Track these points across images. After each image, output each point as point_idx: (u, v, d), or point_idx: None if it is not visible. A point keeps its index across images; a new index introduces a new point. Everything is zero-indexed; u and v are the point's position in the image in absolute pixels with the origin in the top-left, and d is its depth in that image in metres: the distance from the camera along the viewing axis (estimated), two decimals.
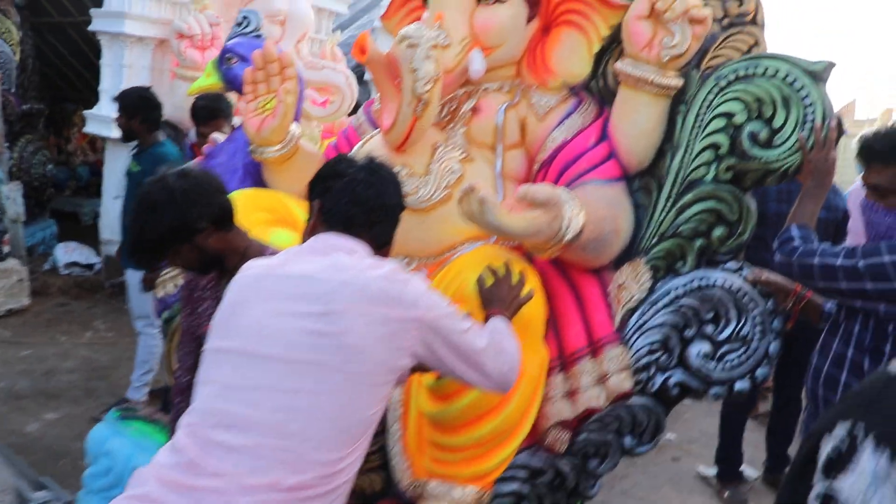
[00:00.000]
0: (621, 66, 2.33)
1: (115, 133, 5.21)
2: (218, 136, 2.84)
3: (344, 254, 1.69)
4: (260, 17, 3.00)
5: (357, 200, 1.75)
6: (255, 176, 2.71)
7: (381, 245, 1.82)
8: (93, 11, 5.66)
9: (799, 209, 2.29)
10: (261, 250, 2.03)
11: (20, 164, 6.47)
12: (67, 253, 6.90)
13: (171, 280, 2.75)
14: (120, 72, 5.83)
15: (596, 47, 2.51)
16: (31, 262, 6.21)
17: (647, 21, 2.29)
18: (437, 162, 2.38)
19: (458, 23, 2.45)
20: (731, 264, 2.34)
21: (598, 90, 2.54)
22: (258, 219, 2.46)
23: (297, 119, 2.72)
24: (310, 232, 1.81)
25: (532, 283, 2.17)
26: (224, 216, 1.97)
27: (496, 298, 2.03)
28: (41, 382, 4.58)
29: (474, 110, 2.47)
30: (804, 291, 2.39)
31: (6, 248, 5.72)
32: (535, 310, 2.15)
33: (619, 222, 2.28)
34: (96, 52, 6.00)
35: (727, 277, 2.32)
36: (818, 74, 2.24)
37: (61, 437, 3.88)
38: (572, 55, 2.53)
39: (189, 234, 1.91)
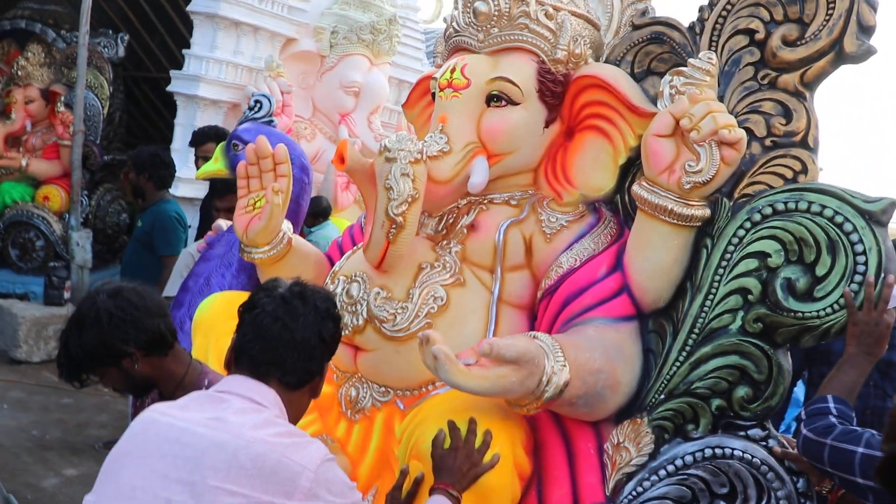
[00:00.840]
0: (638, 189, 2.02)
1: (181, 190, 5.27)
2: (222, 224, 2.71)
3: (238, 401, 1.49)
4: (273, 101, 2.87)
5: (261, 336, 1.57)
6: (250, 271, 2.55)
7: (297, 385, 1.59)
8: (172, 73, 5.86)
9: (838, 377, 1.87)
10: (199, 378, 1.84)
11: (96, 211, 6.65)
12: None
13: None
14: (192, 132, 5.88)
15: (622, 158, 2.21)
16: None
17: (669, 140, 1.97)
18: (419, 286, 2.11)
19: (462, 127, 2.21)
20: (756, 431, 1.95)
21: (622, 207, 2.23)
22: (233, 327, 2.27)
23: (295, 216, 2.56)
24: (227, 371, 1.62)
25: (500, 446, 1.86)
26: (156, 341, 1.79)
27: (446, 468, 1.75)
28: (71, 434, 4.55)
29: (471, 227, 2.20)
30: None
31: (67, 294, 5.84)
32: (498, 480, 1.83)
33: (617, 375, 1.95)
34: (173, 110, 6.19)
35: (748, 447, 1.94)
36: (875, 215, 1.85)
37: (75, 497, 3.81)
38: (595, 165, 2.23)
39: (114, 358, 1.75)
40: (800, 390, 3.74)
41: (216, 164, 2.86)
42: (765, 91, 2.05)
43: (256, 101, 2.83)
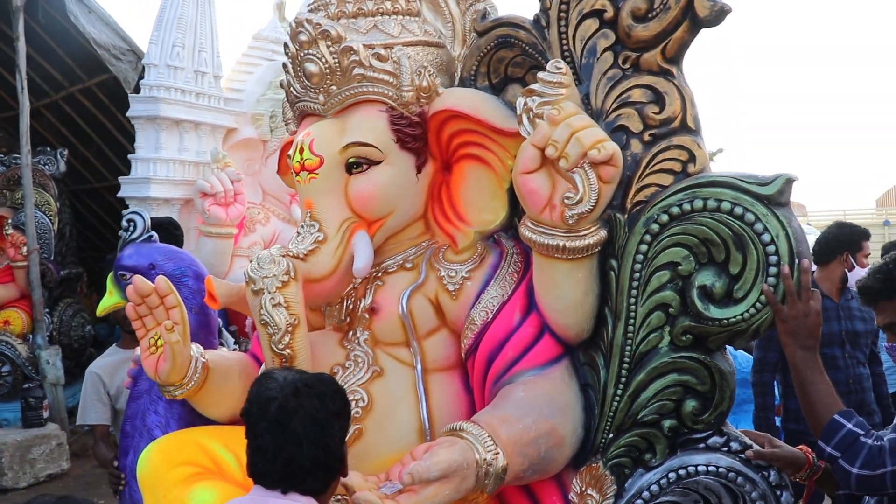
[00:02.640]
0: (525, 231, 1.86)
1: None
2: (139, 354, 2.54)
3: None
4: (146, 217, 2.68)
5: (275, 460, 1.56)
6: (182, 400, 2.40)
7: (325, 487, 1.59)
8: (120, 179, 5.84)
9: (813, 390, 1.75)
10: None
11: (59, 327, 6.64)
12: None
13: None
14: None
15: (507, 182, 2.05)
16: (71, 423, 6.24)
17: (540, 174, 1.80)
18: None
19: (331, 207, 2.03)
20: (715, 440, 1.87)
21: (521, 237, 2.08)
22: (177, 476, 2.13)
23: (207, 327, 2.41)
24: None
25: None
26: None
27: None
28: None
29: (371, 310, 2.05)
30: (817, 461, 1.87)
31: (46, 414, 5.76)
32: None
33: (558, 432, 1.84)
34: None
35: (711, 459, 1.85)
36: (773, 198, 1.71)
37: None
38: (481, 194, 2.07)
39: None
40: None
41: (112, 298, 2.71)
42: (630, 78, 1.87)
43: (129, 221, 2.64)
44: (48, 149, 6.80)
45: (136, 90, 5.83)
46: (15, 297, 6.44)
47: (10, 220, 6.34)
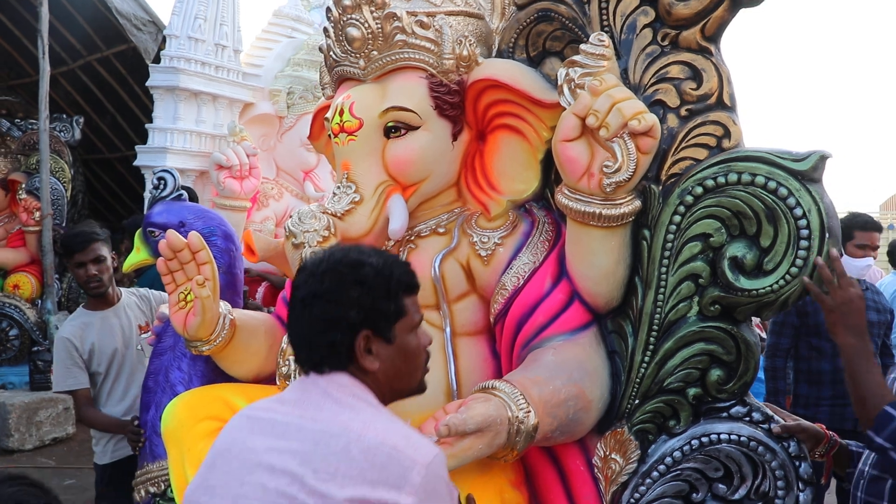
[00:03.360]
0: (561, 198, 1.91)
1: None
2: (165, 311, 2.59)
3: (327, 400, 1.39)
4: (176, 176, 2.72)
5: (302, 341, 1.44)
6: (206, 357, 2.45)
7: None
8: (137, 148, 5.85)
9: (863, 380, 1.75)
10: None
11: (69, 293, 6.64)
12: None
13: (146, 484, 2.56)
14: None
15: (541, 153, 2.09)
16: None
17: (580, 143, 1.84)
18: None
19: (368, 170, 2.07)
20: (737, 409, 1.91)
21: (555, 203, 2.12)
22: (202, 430, 2.18)
23: (233, 287, 2.45)
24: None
25: (487, 500, 1.81)
26: None
27: None
28: None
29: None
30: (835, 437, 1.92)
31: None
32: None
33: (586, 396, 1.88)
34: (142, 184, 6.16)
35: (733, 428, 1.90)
36: (807, 174, 1.76)
37: None
38: (515, 165, 2.11)
39: None
40: None
41: (139, 255, 2.75)
42: (668, 54, 1.91)
43: (160, 179, 2.68)
44: (64, 116, 6.81)
45: (156, 61, 5.86)
46: (25, 261, 6.48)
47: (23, 185, 6.35)
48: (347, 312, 1.37)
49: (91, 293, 3.12)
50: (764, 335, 3.90)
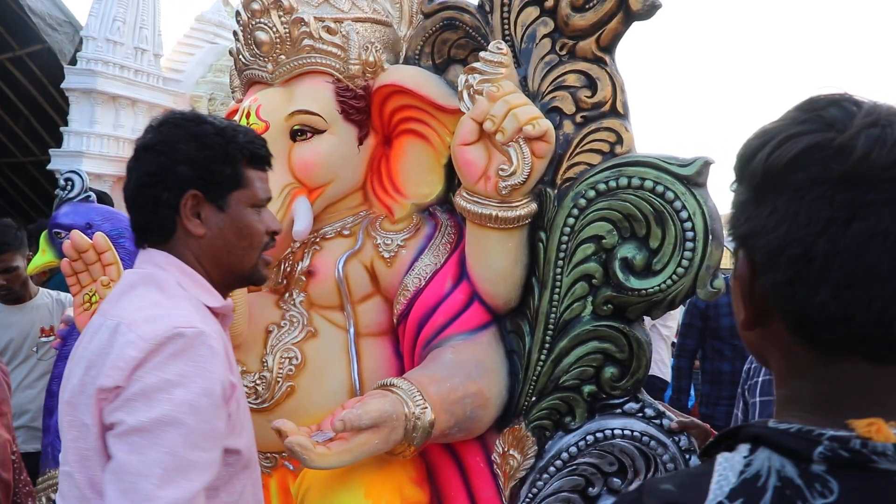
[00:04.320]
0: (460, 201, 1.96)
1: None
2: (71, 314, 2.55)
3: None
4: (84, 177, 2.68)
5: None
6: None
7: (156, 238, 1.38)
8: (52, 151, 5.68)
9: None
10: None
11: None
12: None
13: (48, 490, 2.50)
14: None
15: (444, 157, 2.14)
16: None
17: (477, 147, 1.90)
18: (271, 352, 2.03)
19: (274, 172, 2.08)
20: (631, 406, 1.99)
21: (456, 206, 2.17)
22: None
23: None
24: None
25: (385, 496, 1.84)
26: None
27: None
28: None
29: (308, 273, 2.11)
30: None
31: None
32: None
33: (483, 393, 1.93)
34: (56, 188, 5.99)
35: (627, 423, 1.97)
36: (692, 179, 1.84)
37: None
38: (419, 169, 2.15)
39: None
40: None
41: (44, 256, 2.70)
42: (565, 63, 1.99)
43: (67, 180, 2.64)
44: None
45: (73, 63, 5.73)
46: None
47: None
48: (176, 167, 1.32)
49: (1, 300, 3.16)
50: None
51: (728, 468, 0.74)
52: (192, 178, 1.32)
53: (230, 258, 1.38)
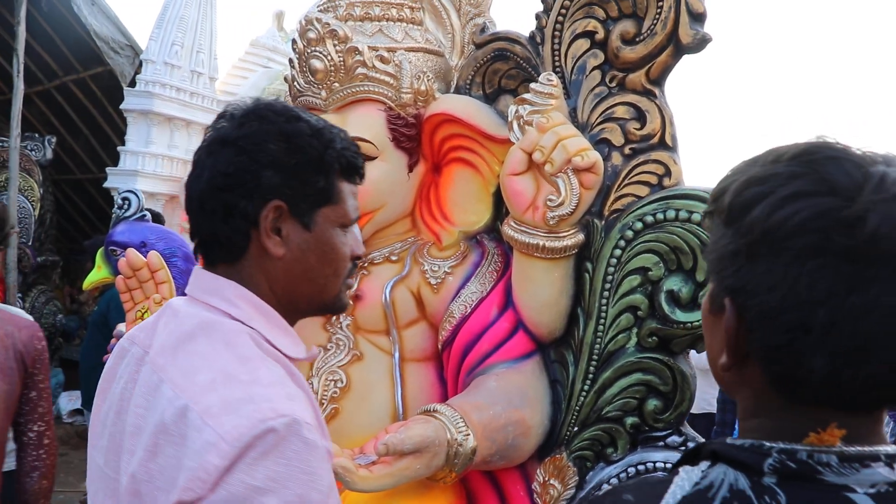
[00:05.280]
0: (507, 230, 1.98)
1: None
2: (122, 329, 2.62)
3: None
4: (141, 197, 2.77)
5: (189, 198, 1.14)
6: None
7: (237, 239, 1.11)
8: (109, 170, 5.87)
9: None
10: None
11: (31, 313, 6.52)
12: (71, 401, 6.89)
13: None
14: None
15: (493, 186, 2.16)
16: None
17: (526, 177, 1.92)
18: (317, 374, 2.07)
19: None
20: (673, 439, 1.97)
21: (503, 235, 2.19)
22: None
23: None
24: None
25: None
26: None
27: None
28: None
29: (356, 297, 2.15)
30: None
31: None
32: None
33: (526, 422, 1.94)
34: (112, 206, 6.19)
35: (669, 457, 1.95)
36: None
37: None
38: (468, 197, 2.18)
39: None
40: None
41: (100, 273, 2.79)
42: (615, 95, 2.00)
43: (124, 199, 2.73)
44: (36, 135, 6.83)
45: (131, 85, 5.93)
46: None
47: None
48: (261, 171, 1.07)
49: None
50: None
51: (685, 479, 0.78)
52: (278, 186, 1.07)
53: (310, 286, 1.15)
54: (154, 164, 5.79)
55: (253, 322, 1.08)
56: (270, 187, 1.07)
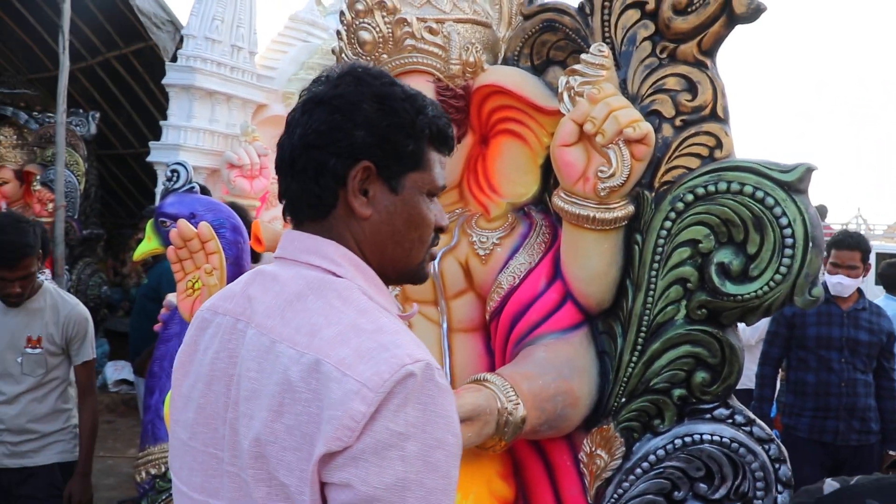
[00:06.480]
0: (558, 201, 1.98)
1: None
2: (172, 300, 2.68)
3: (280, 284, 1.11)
4: (189, 169, 2.80)
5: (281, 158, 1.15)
6: None
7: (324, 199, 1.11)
8: (151, 144, 6.02)
9: None
10: None
11: (77, 285, 6.69)
12: (117, 371, 7.04)
13: (147, 466, 2.64)
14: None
15: (541, 158, 2.17)
16: None
17: (577, 148, 1.92)
18: None
19: None
20: (721, 412, 1.97)
21: (553, 206, 2.20)
22: None
23: (239, 269, 2.53)
24: None
25: (475, 487, 1.88)
26: None
27: None
28: None
29: None
30: None
31: None
32: None
33: (574, 392, 1.95)
34: (154, 181, 6.31)
35: (716, 429, 1.96)
36: (794, 185, 1.82)
37: None
38: (515, 169, 2.19)
39: None
40: None
41: (150, 244, 2.83)
42: (666, 66, 1.99)
43: (173, 171, 2.76)
44: (80, 111, 6.94)
45: (173, 60, 5.99)
46: None
47: (38, 177, 6.46)
48: (353, 130, 1.08)
49: (6, 303, 2.98)
50: None
51: None
52: (368, 146, 1.08)
53: (396, 250, 1.15)
54: (196, 139, 5.85)
55: (357, 280, 1.10)
56: (362, 147, 1.08)
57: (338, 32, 2.29)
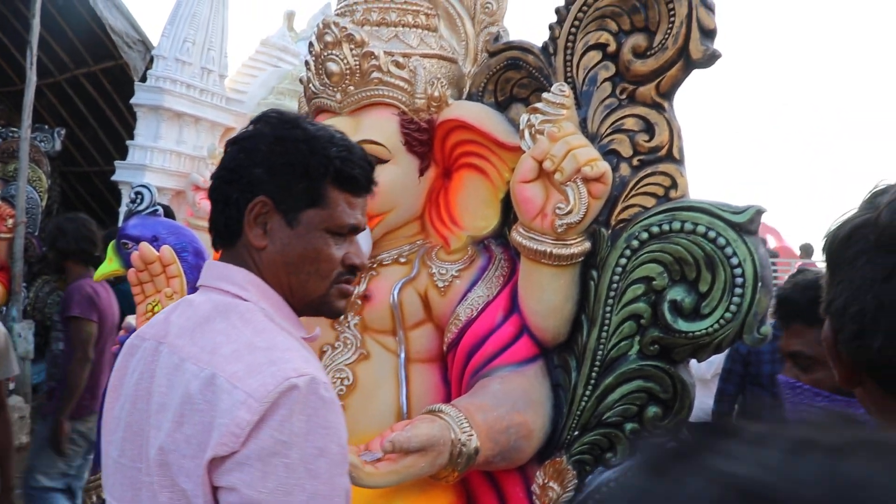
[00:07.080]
0: (516, 236, 2.02)
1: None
2: (131, 322, 2.66)
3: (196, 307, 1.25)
4: (153, 192, 2.80)
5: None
6: None
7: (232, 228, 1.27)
8: (117, 163, 5.97)
9: None
10: None
11: (35, 303, 6.62)
12: None
13: (98, 490, 2.60)
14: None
15: (502, 192, 2.20)
16: (34, 399, 6.28)
17: (536, 184, 1.96)
18: (325, 371, 2.11)
19: None
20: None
21: (511, 241, 2.23)
22: None
23: None
24: None
25: None
26: None
27: None
28: None
29: (364, 297, 2.18)
30: None
31: (11, 385, 5.75)
32: None
33: (528, 425, 1.97)
34: (118, 200, 6.35)
35: None
36: (744, 226, 1.88)
37: None
38: (477, 202, 2.22)
39: None
40: None
41: (111, 265, 2.82)
42: (625, 107, 2.04)
43: (137, 194, 2.77)
44: (46, 126, 6.89)
45: (142, 80, 5.98)
46: None
47: None
48: (252, 168, 1.21)
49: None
50: None
51: None
52: (264, 182, 1.20)
53: (292, 280, 1.24)
54: (162, 159, 5.85)
55: (261, 303, 1.22)
56: (259, 183, 1.21)
57: (306, 63, 2.32)
